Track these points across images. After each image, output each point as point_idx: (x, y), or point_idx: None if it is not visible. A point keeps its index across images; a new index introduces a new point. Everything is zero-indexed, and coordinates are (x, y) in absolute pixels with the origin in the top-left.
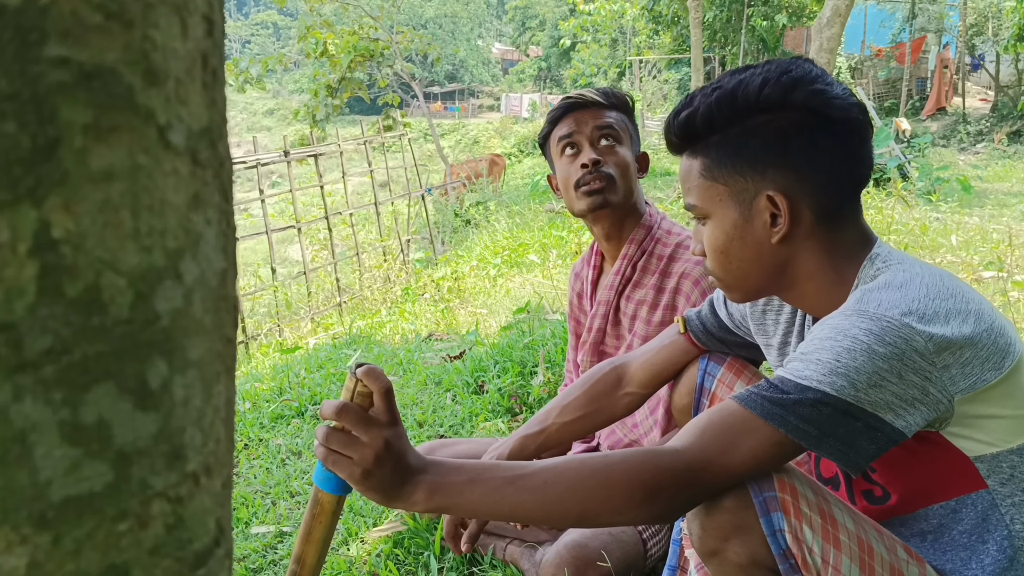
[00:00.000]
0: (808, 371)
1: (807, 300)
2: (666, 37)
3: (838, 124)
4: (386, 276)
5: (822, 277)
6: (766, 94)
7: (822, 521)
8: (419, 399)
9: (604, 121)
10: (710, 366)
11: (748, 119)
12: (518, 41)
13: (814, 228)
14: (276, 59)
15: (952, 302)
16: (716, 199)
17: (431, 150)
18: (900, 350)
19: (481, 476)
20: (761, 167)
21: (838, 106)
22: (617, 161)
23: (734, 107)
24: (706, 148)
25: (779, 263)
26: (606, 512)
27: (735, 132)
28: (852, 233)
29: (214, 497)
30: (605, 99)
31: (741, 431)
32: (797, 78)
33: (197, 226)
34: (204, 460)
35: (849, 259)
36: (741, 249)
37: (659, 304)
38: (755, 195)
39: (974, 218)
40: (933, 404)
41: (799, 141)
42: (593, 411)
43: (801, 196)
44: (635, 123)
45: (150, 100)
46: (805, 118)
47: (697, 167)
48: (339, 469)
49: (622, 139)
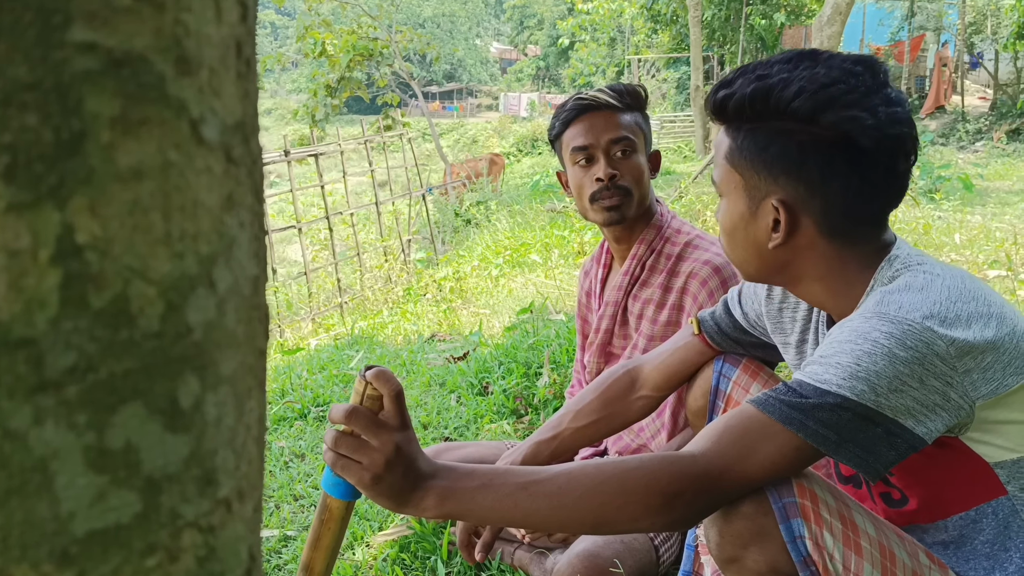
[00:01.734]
0: (828, 375)
1: (816, 298)
2: (664, 36)
3: (865, 153)
4: (387, 276)
5: (830, 281)
6: (796, 105)
7: (843, 527)
8: (423, 401)
9: (619, 133)
10: (725, 368)
11: (776, 121)
12: (516, 40)
13: (817, 241)
14: (274, 58)
15: (974, 305)
16: (732, 185)
17: (430, 149)
18: (921, 355)
19: (493, 481)
20: (775, 173)
21: (870, 136)
22: (632, 171)
23: (766, 105)
24: (736, 132)
25: (778, 263)
26: (622, 519)
27: (762, 130)
28: (865, 248)
29: (246, 523)
30: (619, 100)
31: (759, 436)
32: (834, 97)
33: (231, 229)
34: (237, 484)
35: (861, 268)
36: (744, 240)
37: (666, 303)
38: (765, 196)
39: (976, 216)
40: (954, 410)
41: (817, 160)
42: (607, 415)
43: (807, 212)
44: (647, 118)
45: (182, 91)
46: (830, 139)
47: (725, 148)
48: (348, 474)
49: (637, 146)
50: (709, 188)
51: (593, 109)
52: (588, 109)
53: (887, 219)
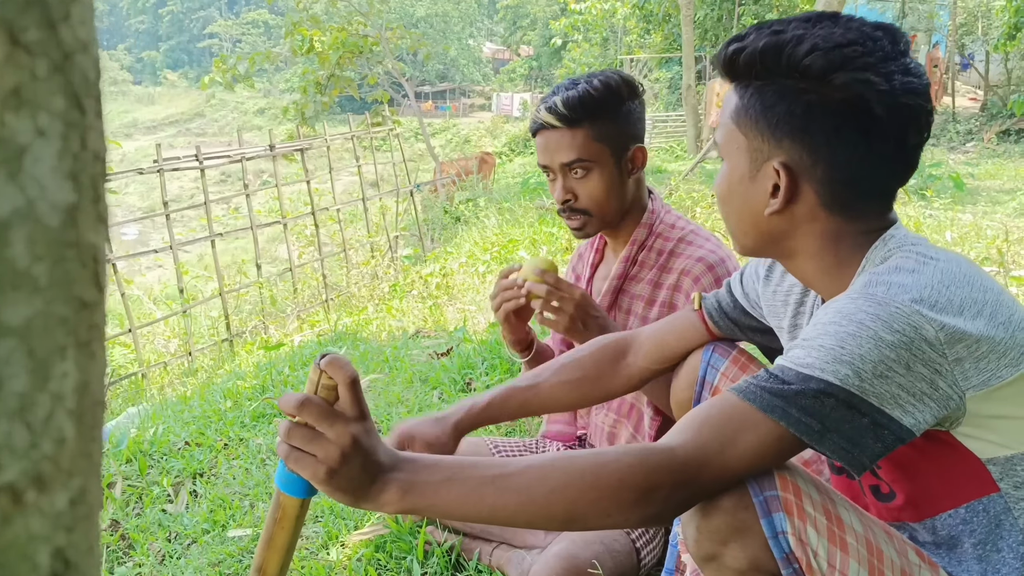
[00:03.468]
0: (810, 358)
1: (808, 276)
2: (657, 36)
3: (876, 121)
4: (374, 273)
5: (823, 258)
6: (808, 63)
7: (828, 522)
8: (405, 397)
9: (570, 156)
10: (714, 358)
11: (786, 79)
12: (509, 40)
13: (817, 213)
14: (263, 55)
15: (967, 291)
16: (734, 146)
17: (422, 149)
18: (908, 339)
19: (459, 475)
20: (780, 134)
21: (882, 102)
22: (590, 192)
23: (777, 61)
24: (744, 90)
25: (773, 234)
26: (595, 514)
27: (770, 88)
28: (864, 226)
29: (51, 520)
30: (568, 119)
31: (740, 425)
32: (848, 58)
33: (18, 134)
34: (31, 468)
35: (855, 247)
36: (740, 205)
37: (656, 300)
38: (767, 159)
39: (967, 215)
40: (943, 400)
41: (824, 123)
42: (591, 376)
43: (809, 179)
44: (624, 112)
45: None
46: (840, 102)
47: (731, 106)
48: (302, 468)
49: (594, 164)
50: (699, 185)
51: (545, 128)
52: (541, 128)
53: (892, 198)
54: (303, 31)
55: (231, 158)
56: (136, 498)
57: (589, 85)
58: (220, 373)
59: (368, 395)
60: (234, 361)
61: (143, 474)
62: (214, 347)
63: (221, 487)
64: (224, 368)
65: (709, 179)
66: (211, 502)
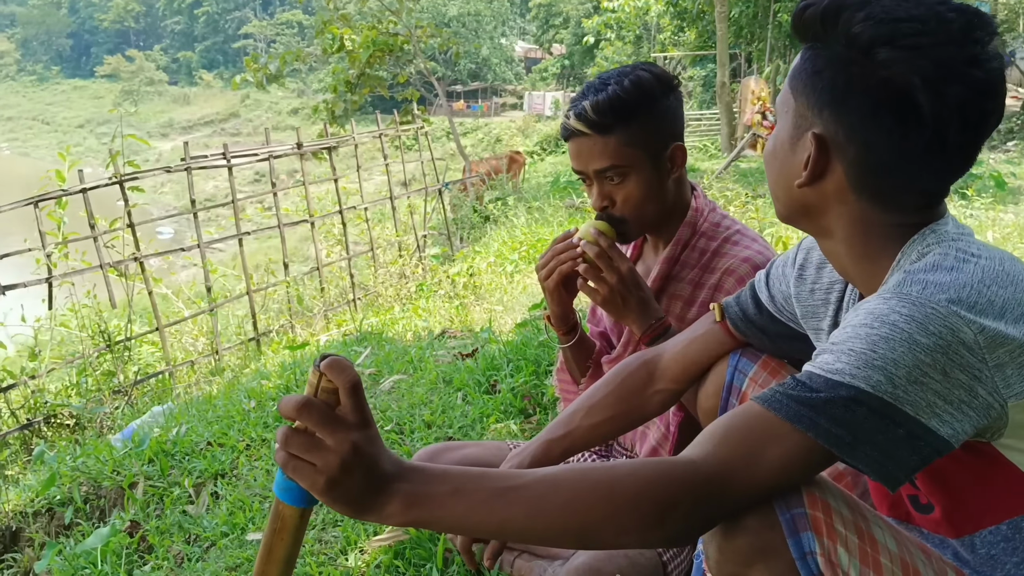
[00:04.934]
0: (839, 363)
1: (841, 263)
2: (691, 33)
3: (915, 109)
4: (401, 272)
5: (853, 244)
6: (857, 31)
7: (859, 541)
8: (429, 399)
9: (603, 163)
10: (742, 363)
11: (838, 46)
12: (541, 39)
13: (846, 195)
14: (294, 55)
15: (1011, 291)
16: (784, 108)
17: (453, 149)
18: (946, 342)
19: (467, 486)
20: (821, 103)
21: (929, 92)
22: (629, 196)
23: (835, 24)
24: (806, 52)
25: (805, 206)
26: (609, 532)
27: (824, 53)
28: (899, 218)
29: None
30: (598, 126)
31: (765, 438)
32: (900, 33)
33: None
34: None
35: (889, 239)
36: (778, 170)
37: (695, 300)
38: (808, 127)
39: (1009, 215)
40: (983, 409)
41: (862, 101)
42: (623, 411)
43: (841, 157)
44: (660, 110)
45: None
46: (881, 81)
47: (793, 67)
48: (300, 477)
49: (629, 171)
50: (732, 184)
51: (576, 135)
52: (573, 134)
53: (935, 193)
54: (333, 30)
55: (259, 157)
56: (157, 499)
57: (619, 87)
58: (246, 372)
59: (391, 396)
60: (260, 360)
61: (165, 474)
62: (241, 346)
63: (242, 488)
64: (250, 367)
65: (743, 178)
66: (231, 504)
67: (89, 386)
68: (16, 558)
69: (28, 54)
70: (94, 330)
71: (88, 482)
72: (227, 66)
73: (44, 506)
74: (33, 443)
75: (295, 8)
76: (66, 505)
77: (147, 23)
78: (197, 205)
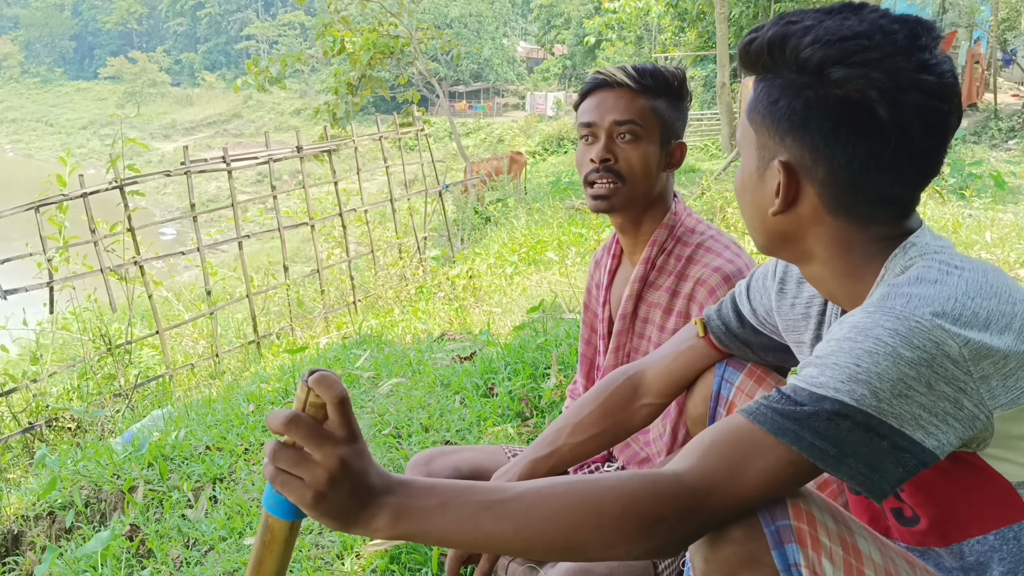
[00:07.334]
0: (823, 377)
1: (825, 285)
2: (691, 34)
3: (876, 121)
4: (401, 274)
5: (835, 265)
6: (806, 56)
7: (844, 553)
8: (426, 402)
9: (626, 115)
10: (728, 372)
11: (790, 73)
12: (543, 39)
13: (822, 216)
14: (295, 57)
15: (995, 303)
16: (746, 142)
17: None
18: (930, 355)
19: (454, 500)
20: (782, 131)
21: (881, 101)
22: (632, 159)
23: (783, 53)
24: (757, 84)
25: (782, 234)
26: (595, 545)
27: (777, 82)
28: (877, 232)
29: None
30: (637, 81)
31: (749, 450)
32: (849, 51)
33: None
34: None
35: (871, 255)
36: (750, 202)
37: (673, 310)
38: (773, 156)
39: (1008, 215)
40: (968, 420)
41: (822, 122)
42: (609, 427)
43: (810, 180)
44: (679, 106)
45: None
46: (839, 99)
47: (748, 100)
48: (288, 492)
49: (645, 134)
50: (732, 185)
51: (607, 86)
52: (603, 85)
53: (908, 205)
54: (334, 32)
55: (258, 160)
56: (157, 503)
57: (659, 66)
58: (246, 375)
59: (390, 400)
60: (260, 363)
61: (164, 479)
62: (241, 349)
63: (240, 493)
64: (250, 370)
65: None
66: (229, 508)
67: (90, 389)
68: (18, 561)
69: (32, 56)
70: (95, 334)
71: (89, 486)
72: (230, 67)
73: (45, 510)
74: (35, 447)
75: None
76: (67, 509)
77: (150, 25)
78: (199, 207)
